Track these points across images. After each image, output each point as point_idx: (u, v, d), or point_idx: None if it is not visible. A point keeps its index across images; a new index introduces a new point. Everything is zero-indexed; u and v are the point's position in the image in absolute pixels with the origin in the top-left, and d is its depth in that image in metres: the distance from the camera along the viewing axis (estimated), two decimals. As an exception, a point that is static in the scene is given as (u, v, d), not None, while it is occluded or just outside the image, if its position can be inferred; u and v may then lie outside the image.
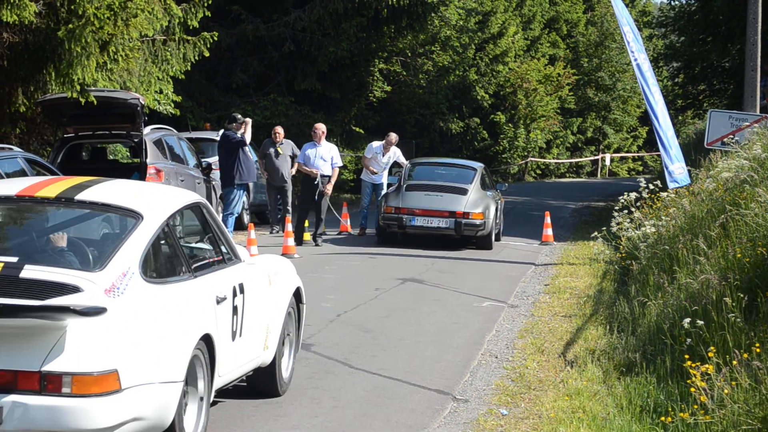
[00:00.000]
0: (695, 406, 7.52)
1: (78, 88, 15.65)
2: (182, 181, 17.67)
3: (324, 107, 30.77)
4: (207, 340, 7.03)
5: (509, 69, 46.93)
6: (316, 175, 19.05)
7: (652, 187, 15.94)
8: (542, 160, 52.82)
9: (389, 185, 21.21)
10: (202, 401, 7.05)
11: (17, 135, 18.62)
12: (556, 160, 54.71)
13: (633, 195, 15.81)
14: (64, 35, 15.09)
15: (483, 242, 19.60)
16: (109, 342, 6.07)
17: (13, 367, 5.94)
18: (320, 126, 19.85)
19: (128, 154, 22.61)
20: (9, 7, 14.37)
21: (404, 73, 37.95)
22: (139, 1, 15.86)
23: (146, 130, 17.61)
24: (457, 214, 19.08)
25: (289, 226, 18.10)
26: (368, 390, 9.08)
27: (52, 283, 6.22)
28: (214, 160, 20.14)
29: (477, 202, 19.34)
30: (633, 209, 15.61)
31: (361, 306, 13.11)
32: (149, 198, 7.41)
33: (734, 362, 7.67)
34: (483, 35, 44.53)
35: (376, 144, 21.78)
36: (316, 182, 19.00)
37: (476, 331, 11.88)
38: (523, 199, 33.31)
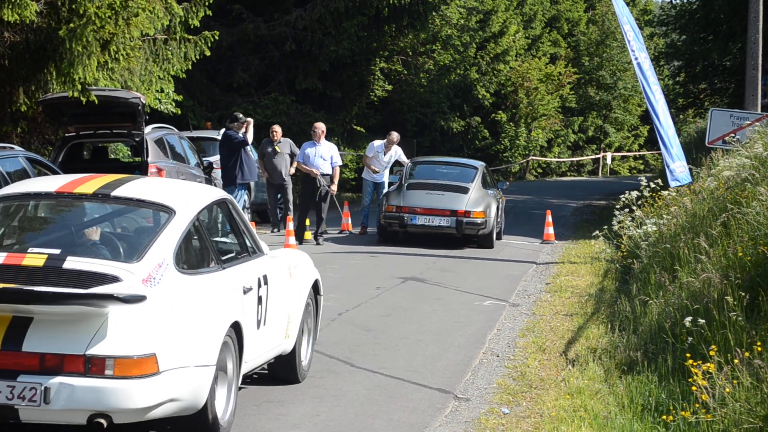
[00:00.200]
0: (697, 405, 7.51)
1: (79, 87, 15.66)
2: (183, 180, 17.66)
3: (325, 106, 30.76)
4: (236, 328, 7.41)
5: (510, 68, 46.93)
6: (315, 174, 19.03)
7: (653, 185, 15.92)
8: (543, 158, 52.81)
9: (390, 184, 21.20)
10: (231, 386, 7.39)
11: (18, 134, 18.63)
12: (557, 159, 54.69)
13: (634, 194, 15.79)
14: (65, 34, 15.08)
15: (484, 241, 19.59)
16: (148, 328, 6.47)
17: (59, 350, 6.31)
18: (320, 125, 19.82)
19: (129, 153, 22.60)
20: (10, 7, 14.36)
21: (405, 72, 37.94)
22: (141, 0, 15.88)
23: (147, 129, 17.62)
24: (459, 213, 19.06)
25: (291, 224, 18.09)
26: (369, 389, 9.08)
27: (93, 273, 6.67)
28: (215, 159, 20.17)
29: (478, 201, 19.32)
30: (634, 208, 15.58)
31: (363, 305, 13.11)
32: (180, 194, 7.78)
33: (735, 361, 7.66)
34: (484, 34, 44.51)
35: (378, 143, 21.79)
36: (319, 185, 18.98)
37: (477, 330, 11.88)
38: (525, 198, 33.30)
